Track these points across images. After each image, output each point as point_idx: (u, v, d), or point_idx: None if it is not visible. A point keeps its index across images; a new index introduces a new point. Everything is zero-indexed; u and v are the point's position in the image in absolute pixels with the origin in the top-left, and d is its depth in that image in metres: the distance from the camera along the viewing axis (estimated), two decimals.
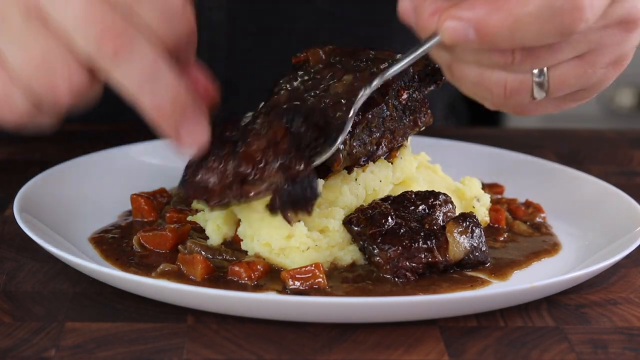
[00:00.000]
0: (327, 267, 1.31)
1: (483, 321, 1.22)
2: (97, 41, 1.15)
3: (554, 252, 1.41)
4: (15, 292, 1.25)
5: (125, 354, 1.12)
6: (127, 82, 1.17)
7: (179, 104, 1.19)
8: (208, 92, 1.25)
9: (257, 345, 1.15)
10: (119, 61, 1.16)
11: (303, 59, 1.42)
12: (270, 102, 1.34)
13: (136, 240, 1.35)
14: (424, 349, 1.15)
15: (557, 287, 1.26)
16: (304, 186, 1.24)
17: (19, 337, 1.15)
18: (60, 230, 1.35)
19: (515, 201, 1.54)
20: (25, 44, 1.18)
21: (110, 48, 1.15)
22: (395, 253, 1.29)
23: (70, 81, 1.18)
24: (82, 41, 1.16)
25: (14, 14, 1.18)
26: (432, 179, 1.46)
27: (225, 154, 1.27)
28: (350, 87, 1.35)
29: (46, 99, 1.19)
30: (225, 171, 1.26)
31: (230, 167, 1.26)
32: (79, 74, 1.18)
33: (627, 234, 1.37)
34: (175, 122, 1.19)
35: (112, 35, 1.15)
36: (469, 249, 1.31)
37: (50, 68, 1.18)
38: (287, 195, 1.24)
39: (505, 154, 1.67)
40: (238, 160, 1.26)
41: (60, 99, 1.19)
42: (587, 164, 1.78)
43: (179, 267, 1.29)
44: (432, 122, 1.42)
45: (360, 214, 1.33)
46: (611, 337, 1.20)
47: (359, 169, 1.36)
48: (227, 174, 1.26)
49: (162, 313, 1.21)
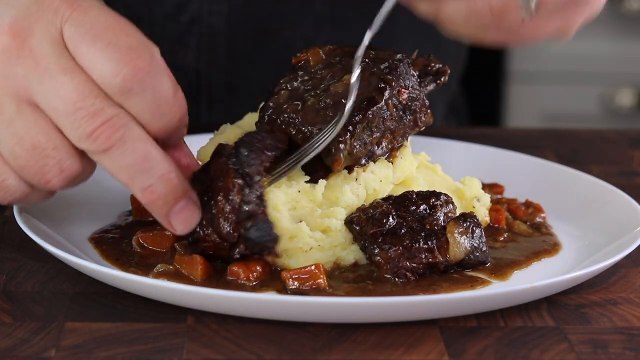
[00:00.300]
0: (329, 267, 1.31)
1: (483, 321, 1.22)
2: (88, 131, 1.16)
3: (554, 252, 1.41)
4: (15, 292, 1.25)
5: (125, 354, 1.12)
6: (118, 170, 1.18)
7: (170, 190, 1.20)
8: (190, 170, 1.26)
9: (257, 345, 1.15)
10: (102, 143, 1.16)
11: (303, 59, 1.42)
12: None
13: (135, 241, 1.35)
14: (424, 349, 1.15)
15: (557, 287, 1.26)
16: (261, 230, 1.24)
17: (19, 337, 1.15)
18: (60, 230, 1.35)
19: (515, 201, 1.54)
20: (16, 129, 1.18)
21: (103, 139, 1.16)
22: (395, 253, 1.29)
23: (61, 167, 1.19)
24: (74, 131, 1.16)
25: (5, 101, 1.18)
26: (432, 179, 1.46)
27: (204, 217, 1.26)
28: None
29: (37, 184, 1.21)
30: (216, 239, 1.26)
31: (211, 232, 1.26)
32: (70, 160, 1.19)
33: (627, 234, 1.37)
34: (167, 208, 1.21)
35: (103, 127, 1.16)
36: (470, 249, 1.31)
37: (41, 154, 1.19)
38: (249, 242, 1.25)
39: (505, 154, 1.67)
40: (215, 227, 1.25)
41: (51, 184, 1.20)
42: (587, 164, 1.78)
43: (176, 267, 1.29)
44: (432, 122, 1.42)
45: (362, 213, 1.33)
46: (611, 337, 1.20)
47: (359, 168, 1.36)
48: (212, 239, 1.26)
49: (162, 313, 1.21)
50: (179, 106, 1.20)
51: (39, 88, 1.17)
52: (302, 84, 1.38)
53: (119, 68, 1.15)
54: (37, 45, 1.18)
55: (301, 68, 1.41)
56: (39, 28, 1.18)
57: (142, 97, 1.17)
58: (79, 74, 1.17)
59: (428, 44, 2.02)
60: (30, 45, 1.18)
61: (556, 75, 3.72)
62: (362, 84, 1.35)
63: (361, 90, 1.34)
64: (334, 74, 1.37)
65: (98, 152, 1.17)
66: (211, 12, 1.91)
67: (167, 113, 1.19)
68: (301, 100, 1.36)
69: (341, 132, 1.31)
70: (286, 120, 1.35)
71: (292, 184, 1.33)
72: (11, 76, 1.18)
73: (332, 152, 1.32)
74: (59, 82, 1.16)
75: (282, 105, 1.36)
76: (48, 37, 1.18)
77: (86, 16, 1.18)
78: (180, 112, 1.20)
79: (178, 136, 1.24)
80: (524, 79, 3.72)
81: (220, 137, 1.43)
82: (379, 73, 1.36)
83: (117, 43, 1.16)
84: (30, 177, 1.21)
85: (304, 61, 1.42)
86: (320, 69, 1.39)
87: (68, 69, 1.17)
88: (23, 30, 1.18)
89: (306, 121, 1.33)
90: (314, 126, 1.33)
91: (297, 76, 1.40)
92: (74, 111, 1.16)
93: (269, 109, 1.37)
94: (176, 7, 1.91)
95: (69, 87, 1.16)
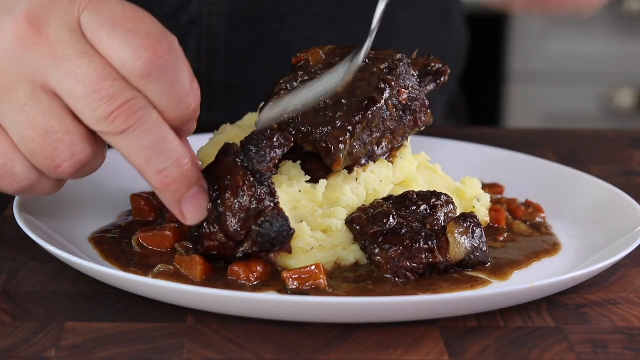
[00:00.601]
0: (330, 267, 1.31)
1: (483, 321, 1.22)
2: (107, 113, 1.16)
3: (554, 252, 1.41)
4: (15, 292, 1.25)
5: (125, 354, 1.12)
6: (134, 152, 1.18)
7: (184, 176, 1.20)
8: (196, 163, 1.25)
9: (257, 345, 1.15)
10: (119, 125, 1.17)
11: (303, 59, 1.42)
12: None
13: (135, 241, 1.35)
14: (424, 349, 1.15)
15: (557, 287, 1.26)
16: (276, 224, 1.25)
17: (19, 337, 1.15)
18: (60, 230, 1.35)
19: (515, 201, 1.54)
20: (29, 113, 1.18)
21: (121, 120, 1.16)
22: (396, 253, 1.29)
23: (72, 151, 1.19)
24: (92, 112, 1.17)
25: (19, 86, 1.18)
26: (432, 179, 1.46)
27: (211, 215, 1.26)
28: (351, 87, 1.35)
29: (47, 170, 1.20)
30: (222, 238, 1.26)
31: (217, 230, 1.26)
32: (82, 145, 1.19)
33: (627, 234, 1.37)
34: (180, 194, 1.21)
35: (122, 109, 1.16)
36: (470, 250, 1.31)
37: (52, 137, 1.19)
38: (262, 237, 1.25)
39: (505, 154, 1.67)
40: (222, 226, 1.26)
41: (61, 170, 1.20)
42: (587, 164, 1.78)
43: (176, 267, 1.29)
44: (432, 122, 1.42)
45: (362, 213, 1.33)
46: (611, 337, 1.20)
47: (359, 168, 1.36)
48: (225, 240, 1.26)
49: (162, 313, 1.21)
50: (195, 96, 1.21)
51: (55, 73, 1.17)
52: (302, 84, 1.38)
53: (139, 53, 1.15)
54: (54, 32, 1.17)
55: (301, 68, 1.41)
56: (55, 16, 1.18)
57: (161, 83, 1.17)
58: (97, 58, 1.17)
59: (428, 44, 2.03)
60: (47, 32, 1.18)
61: (556, 75, 3.73)
62: (362, 84, 1.35)
63: (361, 91, 1.34)
64: None
65: (115, 133, 1.17)
66: (211, 13, 1.91)
67: (183, 102, 1.19)
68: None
69: (341, 132, 1.31)
70: (286, 120, 1.35)
71: (292, 184, 1.33)
72: (26, 63, 1.18)
73: (332, 152, 1.32)
74: (77, 66, 1.16)
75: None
76: (65, 25, 1.18)
77: (104, 6, 1.18)
78: (195, 102, 1.21)
79: (188, 129, 1.24)
80: (524, 79, 3.72)
81: (220, 137, 1.43)
82: (379, 73, 1.36)
83: (137, 30, 1.16)
84: (41, 162, 1.20)
85: (304, 61, 1.42)
86: (320, 69, 1.39)
87: (87, 53, 1.17)
88: (39, 18, 1.18)
89: (306, 121, 1.33)
90: (314, 126, 1.33)
91: (297, 76, 1.40)
92: (93, 93, 1.16)
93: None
94: (176, 7, 1.91)
95: (87, 70, 1.16)
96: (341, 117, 1.32)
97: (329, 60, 1.40)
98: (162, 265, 1.29)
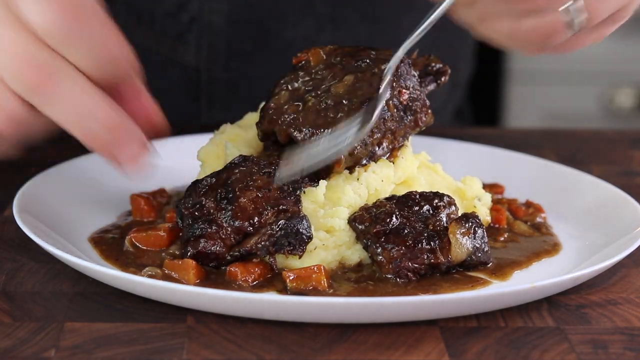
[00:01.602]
0: (334, 267, 1.31)
1: (483, 321, 1.22)
2: (18, 73, 1.18)
3: (554, 252, 1.41)
4: (15, 292, 1.25)
5: (125, 354, 1.12)
6: (59, 117, 1.20)
7: (113, 134, 1.21)
8: (152, 119, 1.27)
9: (257, 345, 1.15)
10: (45, 95, 1.18)
11: (304, 59, 1.42)
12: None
13: (129, 241, 1.35)
14: (425, 349, 1.15)
15: (557, 287, 1.26)
16: (297, 228, 1.26)
17: (19, 337, 1.15)
18: (60, 230, 1.35)
19: (516, 201, 1.54)
20: None
21: (32, 80, 1.18)
22: (398, 253, 1.29)
23: (4, 110, 1.20)
24: (5, 72, 1.18)
25: None
26: (433, 179, 1.46)
27: (216, 213, 1.27)
28: (352, 87, 1.35)
29: None
30: (225, 234, 1.27)
31: (228, 227, 1.26)
32: (13, 103, 1.21)
33: (627, 234, 1.37)
34: (112, 149, 1.23)
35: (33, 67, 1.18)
36: (472, 250, 1.31)
37: None
38: (285, 230, 1.26)
39: (505, 154, 1.67)
40: (234, 217, 1.26)
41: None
42: (587, 164, 1.78)
43: (165, 272, 1.28)
44: (433, 122, 1.42)
45: (365, 212, 1.33)
46: (611, 337, 1.20)
47: (360, 168, 1.36)
48: (228, 235, 1.27)
49: (162, 313, 1.21)
50: (121, 52, 1.21)
51: None
52: (302, 84, 1.38)
53: (54, 17, 1.16)
54: None
55: (302, 68, 1.41)
56: None
57: (80, 45, 1.18)
58: (18, 26, 1.18)
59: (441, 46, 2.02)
60: None
61: (556, 75, 3.72)
62: (362, 84, 1.35)
63: (362, 91, 1.34)
64: (335, 75, 1.37)
65: (32, 93, 1.19)
66: (211, 11, 1.91)
67: (108, 60, 1.20)
68: (302, 100, 1.36)
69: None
70: (287, 120, 1.34)
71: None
72: None
73: None
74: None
75: (282, 106, 1.36)
76: None
77: None
78: (123, 57, 1.21)
79: (131, 83, 1.24)
80: (524, 79, 3.72)
81: (220, 137, 1.43)
82: (380, 73, 1.36)
83: None
84: None
85: (305, 61, 1.42)
86: (321, 69, 1.39)
87: (8, 21, 1.18)
88: None
89: (307, 122, 1.33)
90: (315, 127, 1.33)
91: (297, 76, 1.40)
92: (8, 55, 1.18)
93: (270, 110, 1.37)
94: (176, 5, 1.91)
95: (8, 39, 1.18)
96: (342, 118, 1.32)
97: (329, 60, 1.40)
98: (150, 268, 1.28)
